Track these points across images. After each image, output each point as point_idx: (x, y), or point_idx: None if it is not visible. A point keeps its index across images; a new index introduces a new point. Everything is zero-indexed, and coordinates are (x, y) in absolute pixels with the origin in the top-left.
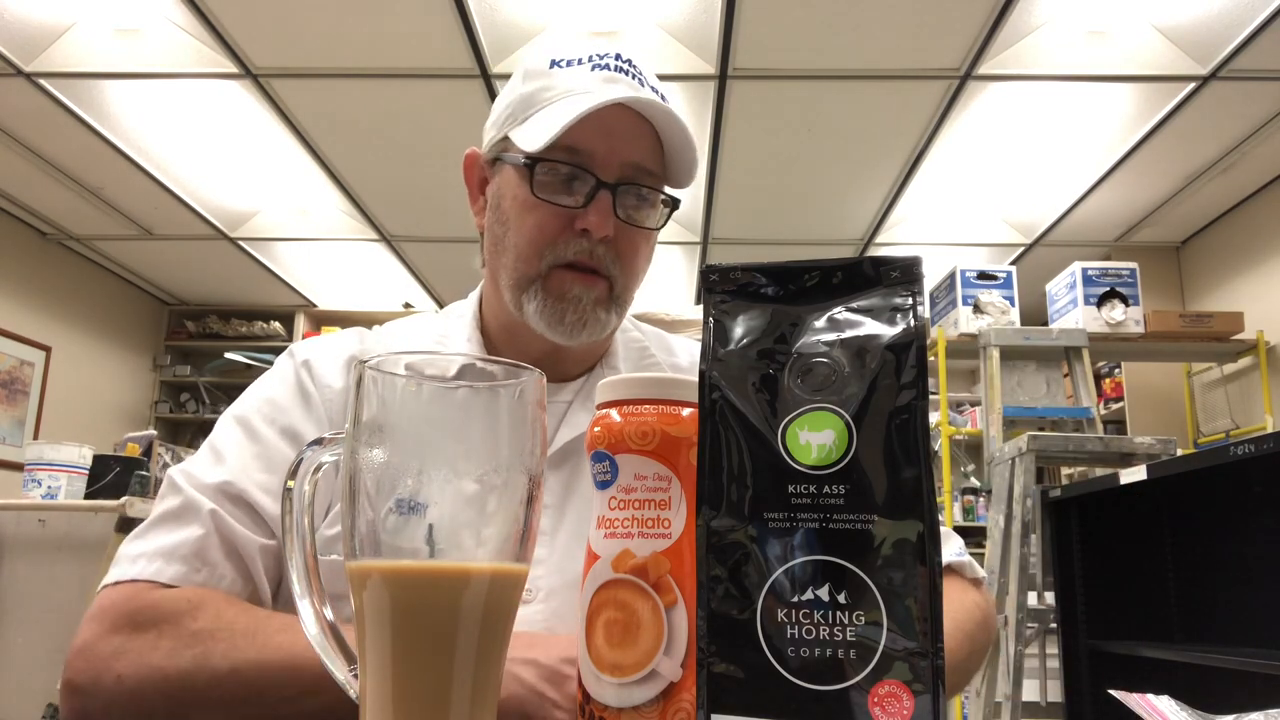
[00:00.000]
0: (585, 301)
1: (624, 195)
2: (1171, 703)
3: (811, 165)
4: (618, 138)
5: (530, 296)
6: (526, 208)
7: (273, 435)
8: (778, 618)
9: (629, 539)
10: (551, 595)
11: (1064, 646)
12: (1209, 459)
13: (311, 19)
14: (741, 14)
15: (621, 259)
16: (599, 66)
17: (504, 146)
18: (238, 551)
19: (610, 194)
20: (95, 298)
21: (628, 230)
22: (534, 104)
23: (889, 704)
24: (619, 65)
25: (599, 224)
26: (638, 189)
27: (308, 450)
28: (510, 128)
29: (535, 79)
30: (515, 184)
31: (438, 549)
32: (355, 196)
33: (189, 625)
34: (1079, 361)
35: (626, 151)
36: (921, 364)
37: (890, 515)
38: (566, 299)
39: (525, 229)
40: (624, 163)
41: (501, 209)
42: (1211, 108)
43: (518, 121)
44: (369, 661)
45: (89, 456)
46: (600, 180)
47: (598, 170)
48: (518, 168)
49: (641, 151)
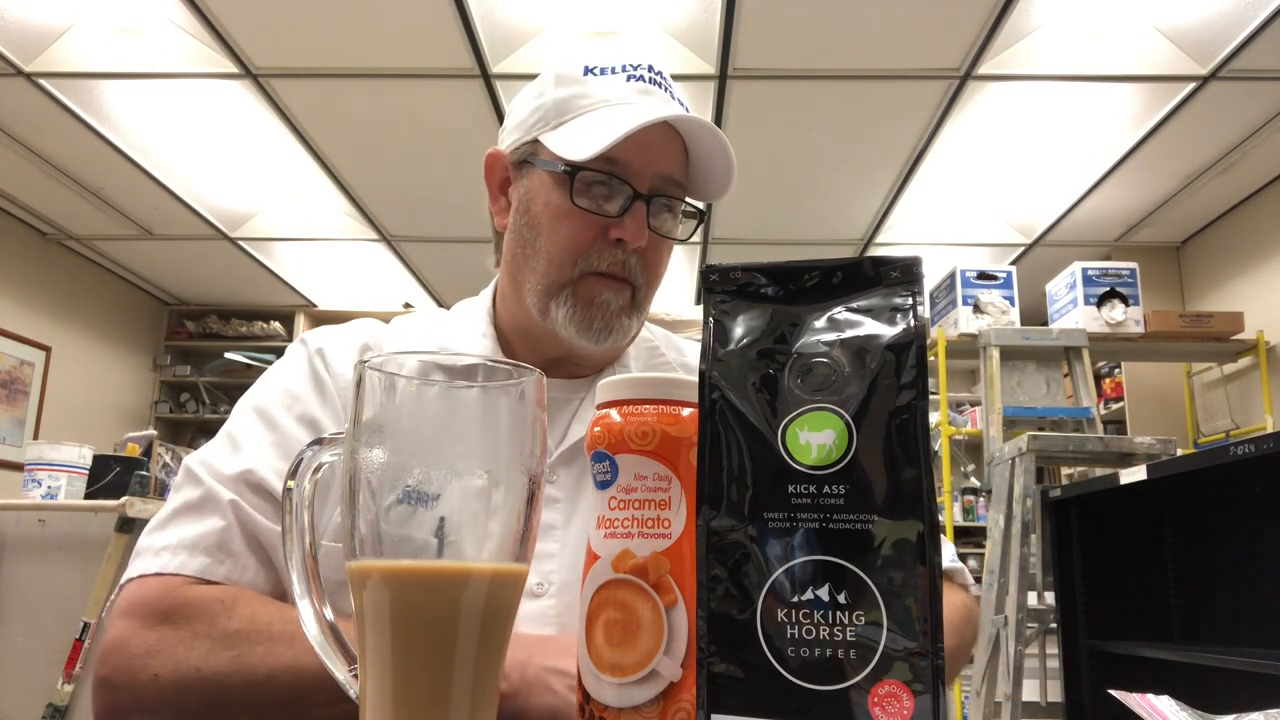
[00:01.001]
0: (613, 307)
1: (655, 206)
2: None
3: (811, 165)
4: (653, 150)
5: (560, 302)
6: (561, 215)
7: (290, 423)
8: (778, 618)
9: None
10: (565, 590)
11: (1064, 646)
12: (1209, 459)
13: (311, 19)
14: (741, 14)
15: (648, 268)
16: (634, 78)
17: (534, 150)
18: (259, 542)
19: (645, 205)
20: (95, 298)
21: (656, 241)
22: (569, 110)
23: (889, 704)
24: (652, 78)
25: (635, 234)
26: (668, 200)
27: (307, 450)
28: (542, 131)
29: (569, 85)
30: (550, 189)
31: (437, 548)
32: (355, 196)
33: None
34: (1079, 361)
35: (660, 164)
36: (921, 364)
37: (890, 515)
38: (595, 305)
39: (560, 236)
40: (656, 174)
41: (532, 213)
42: (1211, 108)
43: (550, 126)
44: (369, 661)
45: (89, 456)
46: (636, 191)
47: (633, 181)
48: (554, 174)
49: (672, 164)
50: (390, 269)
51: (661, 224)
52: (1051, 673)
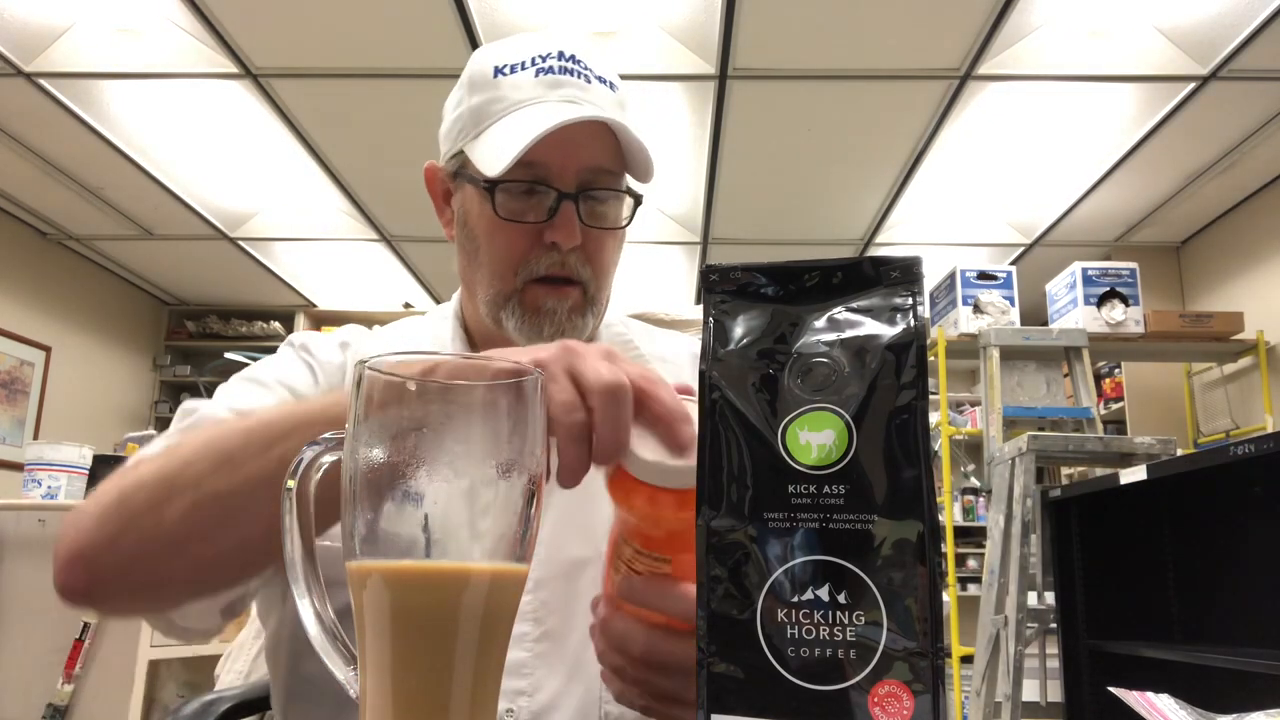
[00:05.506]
0: (560, 313)
1: (586, 201)
2: (1171, 701)
3: (811, 165)
4: (572, 146)
5: (509, 314)
6: (493, 228)
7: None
8: (778, 618)
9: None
10: (540, 586)
11: (1064, 646)
12: (1209, 459)
13: (311, 19)
14: (741, 14)
15: (592, 262)
16: (543, 70)
17: (461, 162)
18: None
19: (573, 203)
20: (95, 298)
21: (595, 234)
22: (485, 117)
23: (889, 704)
24: (563, 66)
25: (567, 235)
26: (599, 192)
27: (307, 450)
28: (465, 142)
29: (481, 90)
30: (478, 203)
31: (438, 549)
32: (355, 196)
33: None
34: (1079, 361)
35: (583, 158)
36: (921, 364)
37: (890, 515)
38: (542, 313)
39: (496, 248)
40: (581, 169)
41: (469, 227)
42: (1211, 108)
43: (470, 137)
44: (369, 661)
45: (89, 456)
46: (561, 192)
47: (556, 182)
48: (478, 189)
49: (598, 154)
50: (390, 269)
51: (597, 217)
52: (1051, 673)
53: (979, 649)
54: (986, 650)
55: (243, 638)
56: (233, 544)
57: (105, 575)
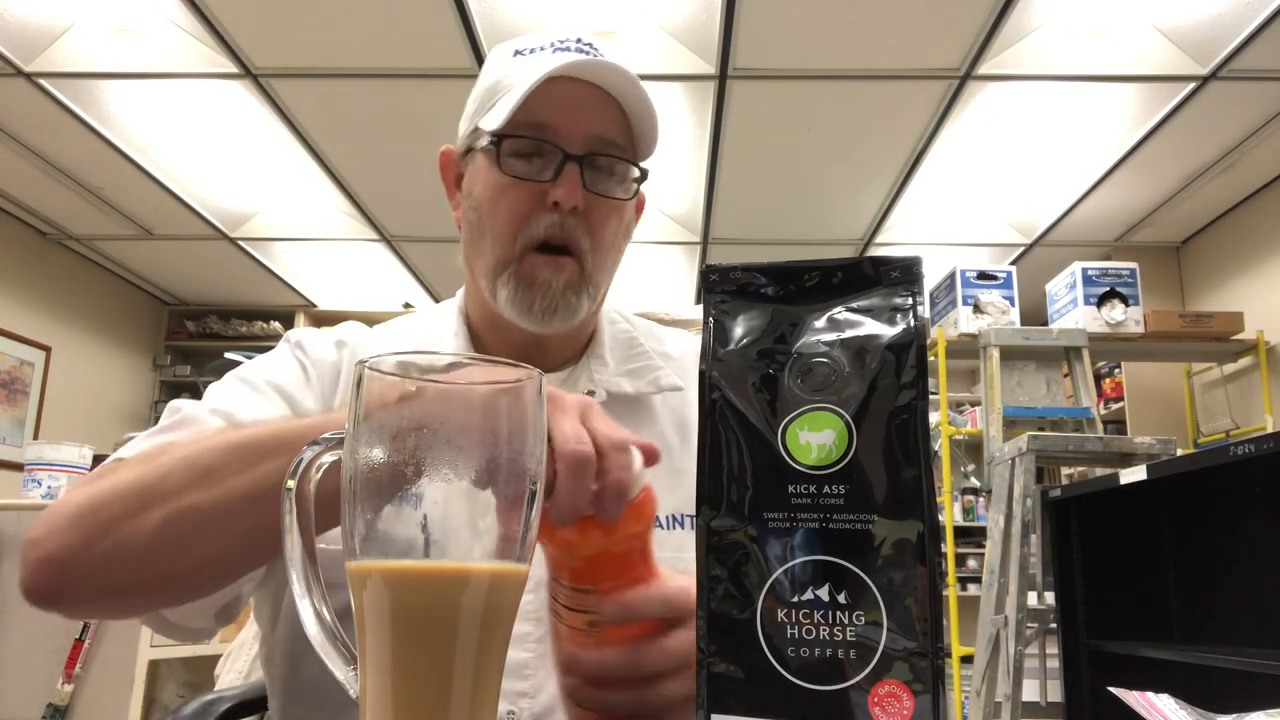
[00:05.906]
0: (555, 287)
1: (591, 167)
2: (1171, 701)
3: (811, 165)
4: (581, 111)
5: (504, 283)
6: (499, 189)
7: (270, 391)
8: (778, 618)
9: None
10: (541, 586)
11: (1064, 646)
12: (1209, 459)
13: (311, 19)
14: (741, 14)
15: (592, 232)
16: (560, 49)
17: (474, 137)
18: None
19: (577, 165)
20: (95, 298)
21: (597, 202)
22: (498, 91)
23: (889, 704)
24: (579, 47)
25: (568, 195)
26: (605, 160)
27: (307, 450)
28: (479, 118)
29: (498, 70)
30: (485, 168)
31: (437, 549)
32: (355, 196)
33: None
34: (1079, 361)
35: (590, 124)
36: (921, 364)
37: (890, 515)
38: (536, 285)
39: (500, 210)
40: (589, 135)
41: (475, 195)
42: (1211, 108)
43: (484, 111)
44: (369, 661)
45: (89, 456)
46: (567, 153)
47: (563, 143)
48: (485, 150)
49: (605, 123)
50: (390, 269)
51: (600, 186)
52: (1051, 673)
53: (979, 649)
54: (986, 650)
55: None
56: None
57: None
